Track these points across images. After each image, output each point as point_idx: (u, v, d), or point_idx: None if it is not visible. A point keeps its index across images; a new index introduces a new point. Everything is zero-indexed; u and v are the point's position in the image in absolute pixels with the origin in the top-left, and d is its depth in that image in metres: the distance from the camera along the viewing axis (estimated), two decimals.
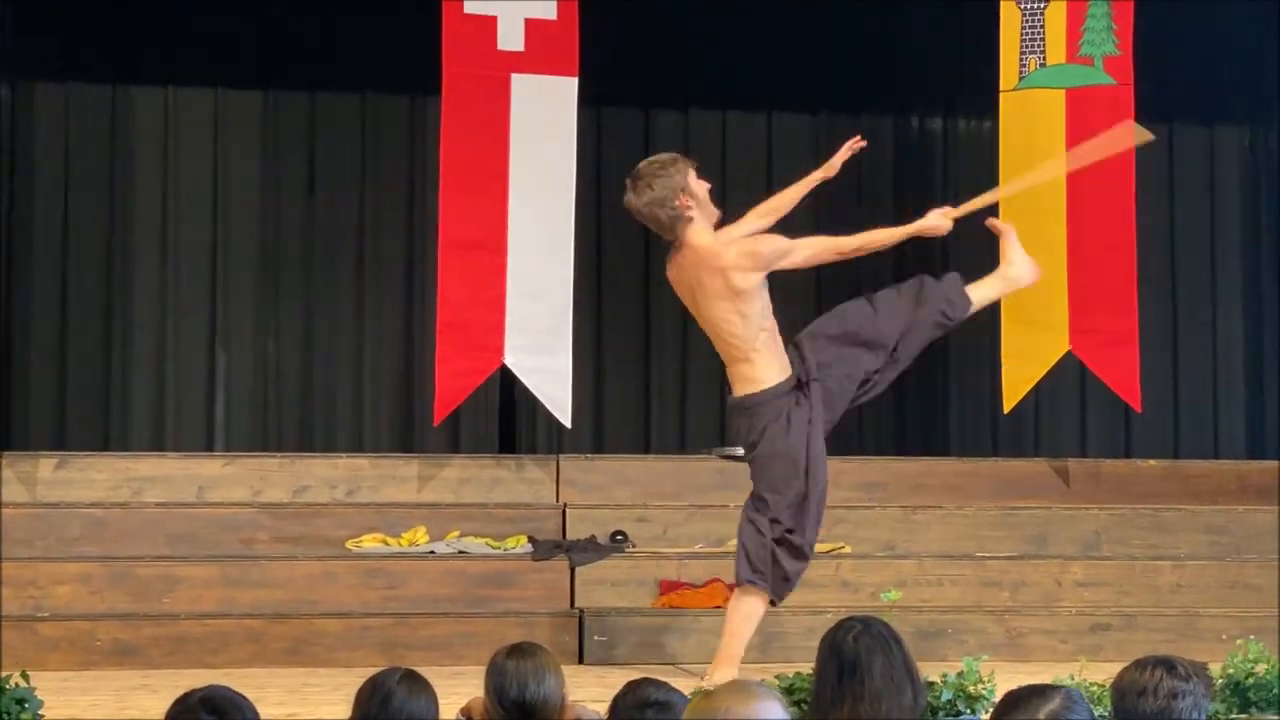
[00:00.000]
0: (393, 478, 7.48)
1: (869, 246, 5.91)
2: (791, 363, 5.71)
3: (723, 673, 5.38)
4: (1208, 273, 9.21)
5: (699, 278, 5.72)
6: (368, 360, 8.60)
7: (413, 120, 8.64)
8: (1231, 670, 4.91)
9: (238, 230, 8.53)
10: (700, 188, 5.74)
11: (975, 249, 8.85)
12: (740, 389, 5.72)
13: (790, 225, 6.07)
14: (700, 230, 5.72)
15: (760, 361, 5.68)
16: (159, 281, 8.44)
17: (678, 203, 5.68)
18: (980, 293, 5.97)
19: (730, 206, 8.86)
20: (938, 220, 5.90)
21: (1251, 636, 5.05)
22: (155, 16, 8.38)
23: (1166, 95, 8.92)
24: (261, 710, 3.36)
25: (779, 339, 5.74)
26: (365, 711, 3.52)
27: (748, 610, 5.69)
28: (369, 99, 8.67)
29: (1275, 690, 4.82)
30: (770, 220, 6.05)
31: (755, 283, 5.66)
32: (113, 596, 6.56)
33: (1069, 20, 7.71)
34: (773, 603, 5.73)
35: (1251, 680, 4.87)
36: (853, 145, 6.12)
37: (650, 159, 5.87)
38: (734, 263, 5.65)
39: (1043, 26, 7.72)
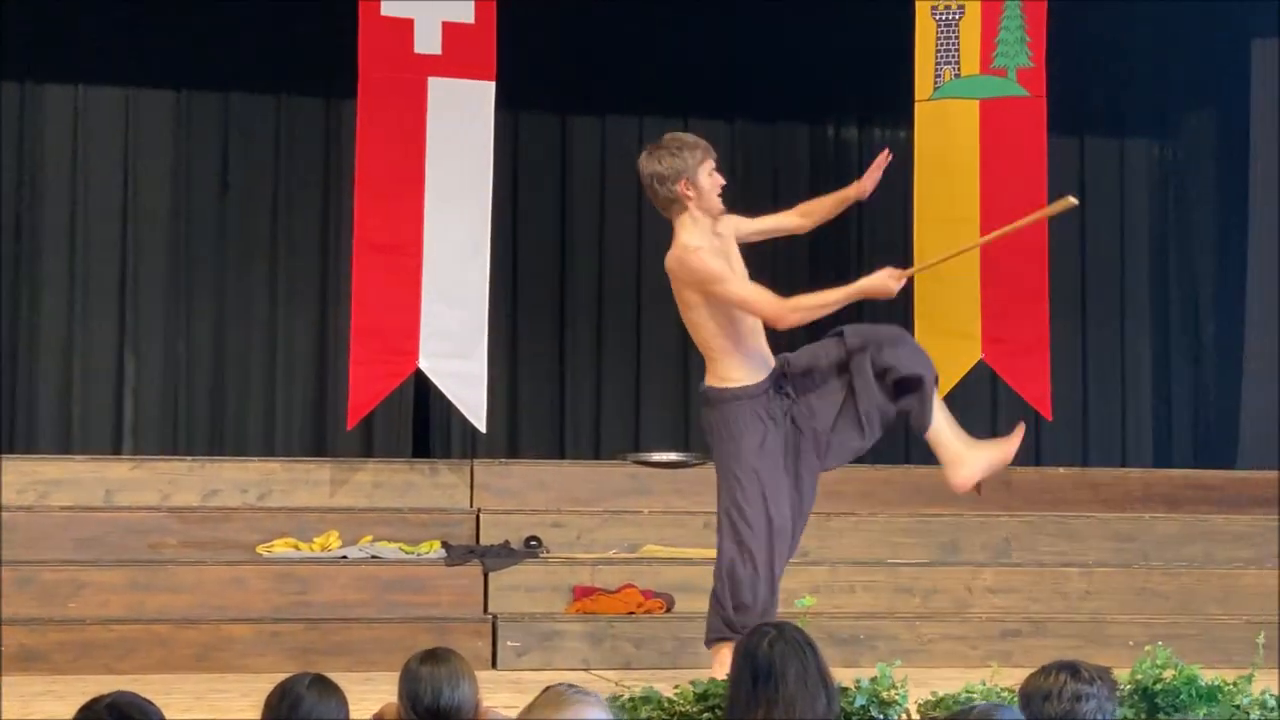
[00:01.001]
0: (305, 482, 7.42)
1: (812, 314, 5.71)
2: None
3: None
4: (1117, 283, 9.33)
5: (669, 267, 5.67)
6: (280, 363, 8.53)
7: (328, 122, 8.59)
8: (1140, 676, 4.96)
9: (148, 231, 8.44)
10: (709, 182, 5.59)
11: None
12: (705, 380, 5.67)
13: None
14: (685, 223, 5.60)
15: (722, 360, 5.59)
16: (67, 282, 8.33)
17: (677, 187, 5.56)
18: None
19: (645, 209, 8.95)
20: (886, 281, 5.66)
21: (1159, 642, 5.10)
22: (66, 13, 8.27)
23: (1078, 107, 9.04)
24: (168, 716, 3.32)
25: (750, 345, 5.62)
26: (274, 716, 3.50)
27: None
28: (284, 100, 8.60)
29: (1183, 696, 4.87)
30: (797, 220, 6.04)
31: (688, 296, 5.57)
32: (18, 601, 6.45)
33: (983, 32, 7.79)
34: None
35: (1160, 686, 4.92)
36: (882, 162, 6.03)
37: (676, 134, 5.75)
38: (671, 266, 5.59)
39: (957, 38, 7.80)
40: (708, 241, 5.62)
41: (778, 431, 5.57)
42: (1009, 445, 5.74)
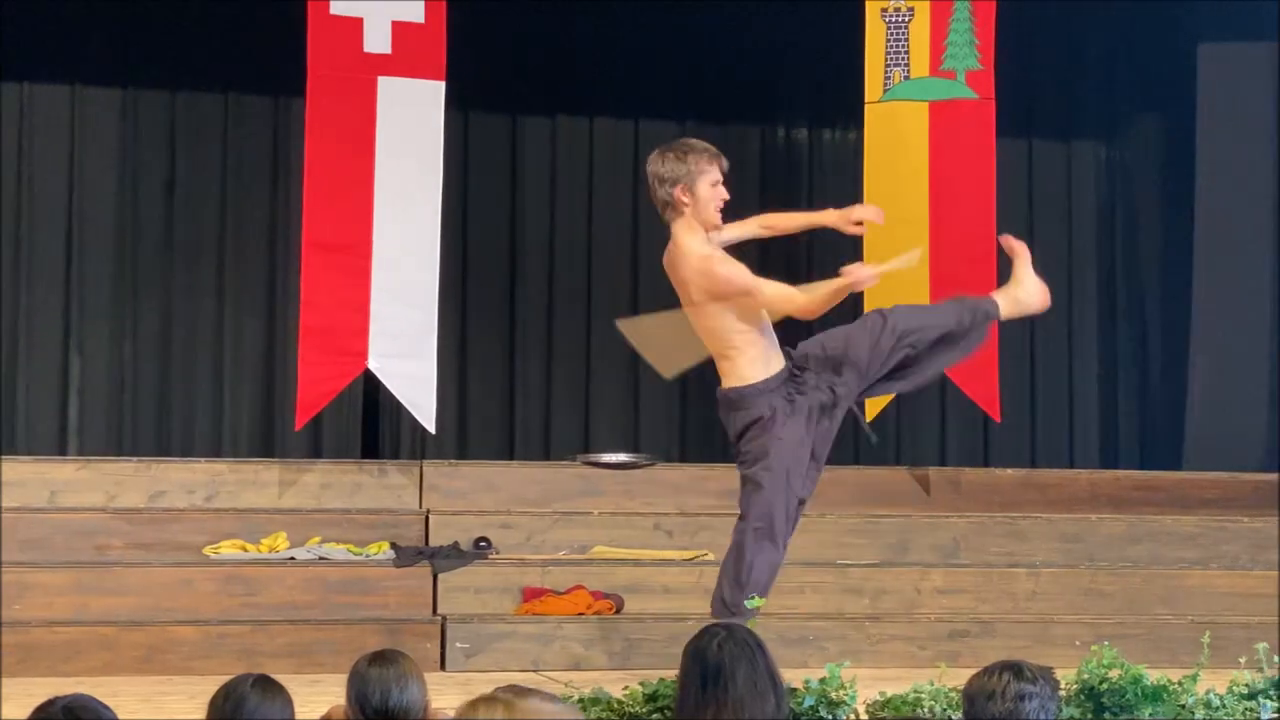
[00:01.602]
0: (253, 483, 7.37)
1: (831, 302, 5.73)
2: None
3: None
4: (1065, 285, 9.37)
5: (674, 273, 5.68)
6: (228, 363, 8.48)
7: (276, 121, 8.55)
8: (1086, 676, 4.99)
9: (94, 230, 8.37)
10: (708, 192, 5.62)
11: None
12: (724, 382, 5.70)
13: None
14: (683, 228, 5.62)
15: (740, 359, 5.62)
16: (12, 281, 8.26)
17: (675, 191, 5.60)
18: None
19: (595, 210, 8.96)
20: (864, 273, 5.78)
21: (1105, 642, 5.13)
22: (9, 10, 8.19)
23: (1026, 110, 9.10)
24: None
25: (766, 338, 5.66)
26: (219, 716, 3.48)
27: None
28: (231, 98, 8.55)
29: (1128, 695, 4.90)
30: (756, 231, 6.03)
31: (705, 303, 5.59)
32: None
33: (932, 34, 7.82)
34: None
35: (1105, 686, 4.95)
36: (877, 219, 6.09)
37: (689, 140, 5.78)
38: (691, 277, 5.60)
39: (907, 40, 7.83)
40: (713, 248, 5.63)
41: (797, 416, 5.60)
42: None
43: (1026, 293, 5.97)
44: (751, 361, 5.65)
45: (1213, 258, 8.77)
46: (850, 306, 6.32)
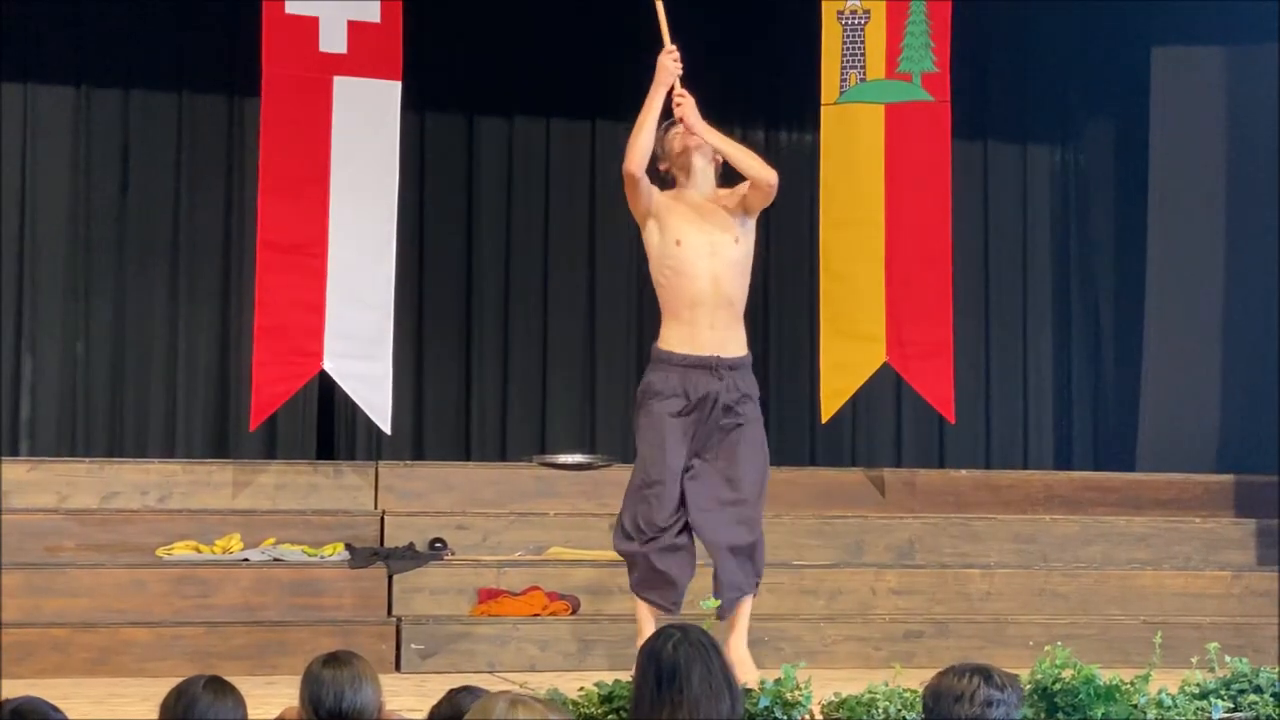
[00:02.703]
0: (206, 484, 7.34)
1: (640, 135, 5.76)
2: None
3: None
4: (1019, 287, 9.43)
5: None
6: (181, 363, 8.43)
7: (230, 120, 8.50)
8: (1040, 676, 5.02)
9: (46, 228, 8.31)
10: (672, 144, 5.77)
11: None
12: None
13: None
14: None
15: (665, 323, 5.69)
16: None
17: (663, 166, 5.81)
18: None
19: (552, 211, 8.94)
20: (665, 63, 5.91)
21: (1059, 642, 5.16)
22: None
23: (982, 113, 9.14)
24: None
25: (680, 310, 5.66)
26: (171, 717, 3.46)
27: None
28: (185, 97, 8.50)
29: (1081, 695, 4.93)
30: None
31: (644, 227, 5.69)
32: None
33: (888, 37, 7.85)
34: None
35: (1059, 685, 4.98)
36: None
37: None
38: None
39: (863, 42, 7.85)
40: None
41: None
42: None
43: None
44: (667, 329, 5.72)
45: (1166, 260, 8.82)
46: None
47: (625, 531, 5.69)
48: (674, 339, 5.67)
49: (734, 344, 5.69)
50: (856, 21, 7.86)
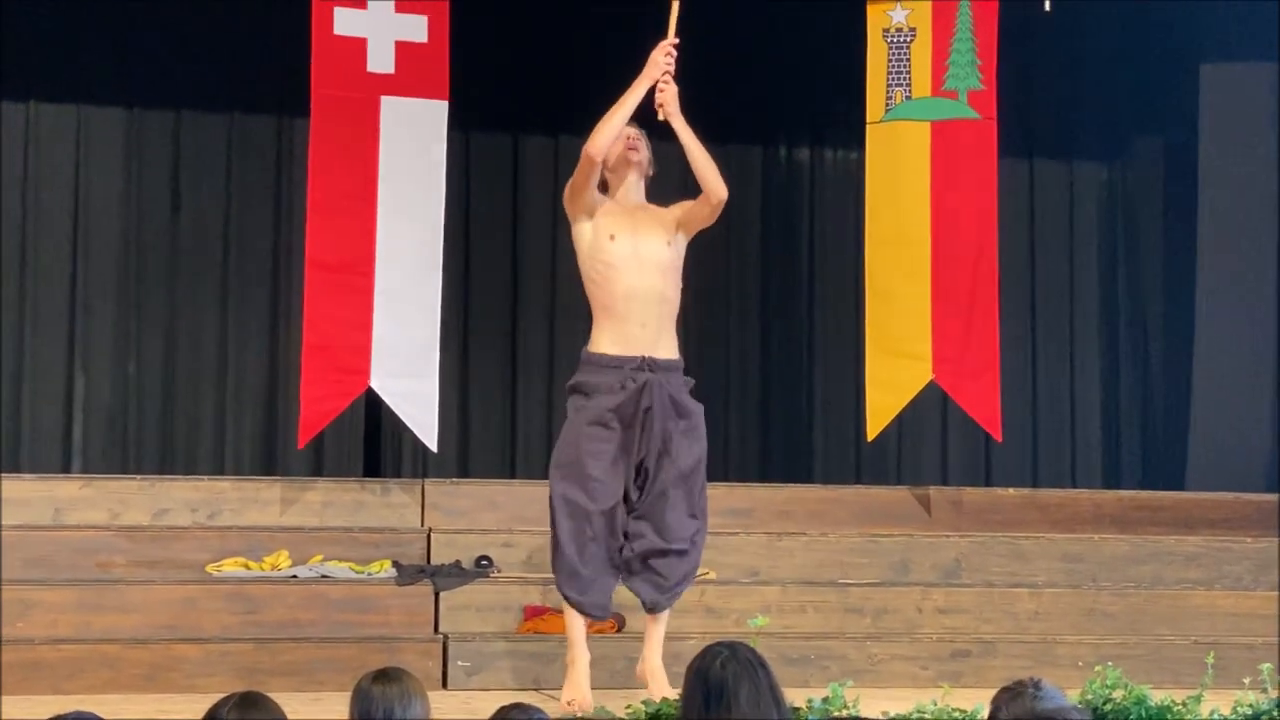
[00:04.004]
0: (255, 501, 7.38)
1: (609, 124, 5.74)
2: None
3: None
4: (1066, 305, 9.40)
5: None
6: (231, 382, 8.49)
7: (279, 141, 8.57)
8: (1090, 697, 4.99)
9: (99, 249, 8.39)
10: (613, 151, 5.80)
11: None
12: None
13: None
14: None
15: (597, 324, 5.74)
16: (17, 300, 8.28)
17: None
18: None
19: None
20: (656, 58, 5.87)
21: (1108, 663, 5.14)
22: (16, 30, 8.22)
23: (1029, 130, 9.12)
24: None
25: (614, 305, 5.70)
26: None
27: None
28: (236, 118, 8.57)
29: (1132, 716, 4.91)
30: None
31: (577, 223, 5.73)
32: None
33: (934, 55, 7.84)
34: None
35: (1109, 706, 4.96)
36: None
37: None
38: None
39: (909, 60, 7.84)
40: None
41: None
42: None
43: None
44: (599, 331, 5.78)
45: (1215, 278, 8.78)
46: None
47: (566, 550, 5.62)
48: (605, 340, 5.67)
49: (665, 345, 5.68)
50: (902, 39, 7.85)
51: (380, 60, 7.29)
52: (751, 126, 9.21)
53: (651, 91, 5.85)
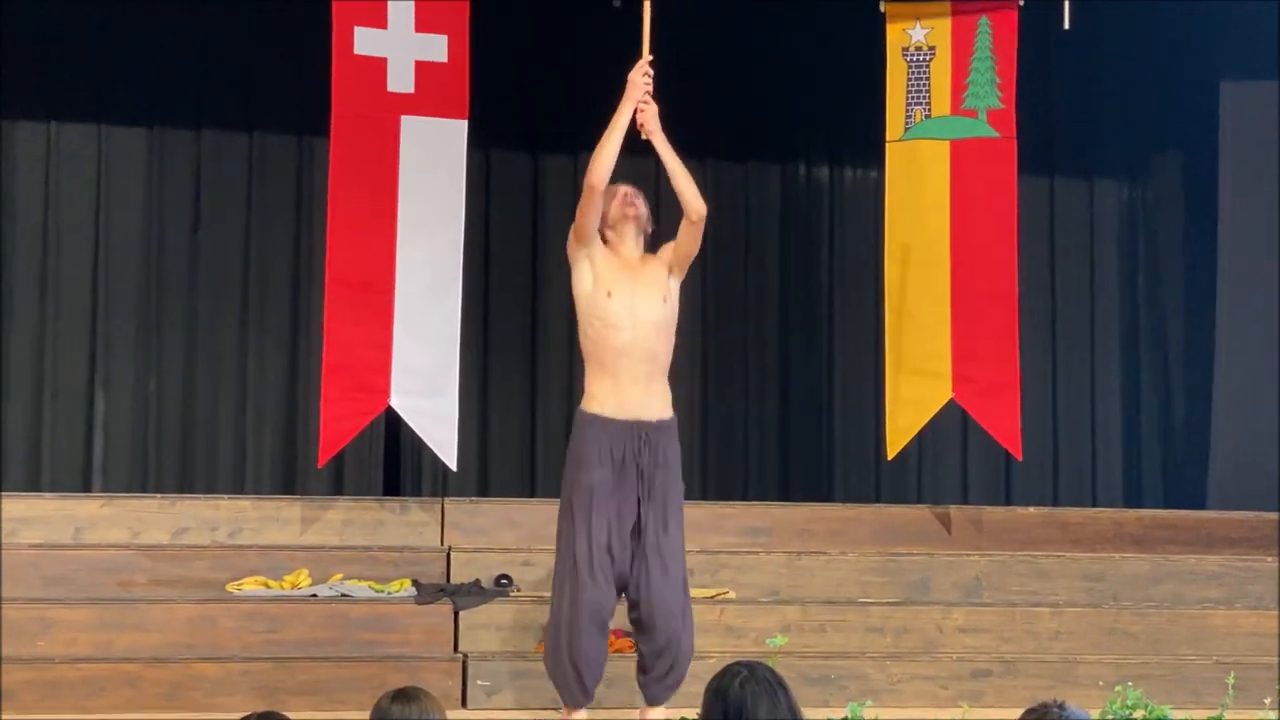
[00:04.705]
0: (275, 520, 7.39)
1: (604, 153, 5.77)
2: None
3: None
4: (1087, 324, 9.38)
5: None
6: (251, 401, 8.51)
7: (300, 160, 8.59)
8: (1111, 716, 4.98)
9: (119, 268, 8.42)
10: (612, 207, 5.86)
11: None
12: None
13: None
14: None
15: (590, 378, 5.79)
16: (38, 319, 8.30)
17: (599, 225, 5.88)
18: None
19: None
20: (635, 79, 5.88)
21: (1129, 683, 5.12)
22: (37, 50, 8.27)
23: (1048, 148, 9.11)
24: None
25: (605, 360, 5.74)
26: None
27: None
28: (256, 138, 8.60)
29: None
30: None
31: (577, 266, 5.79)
32: None
33: (954, 73, 7.84)
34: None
35: None
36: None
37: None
38: None
39: (928, 78, 7.85)
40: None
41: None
42: None
43: None
44: (589, 382, 5.83)
45: (1236, 296, 8.76)
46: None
47: (556, 634, 5.71)
48: (598, 397, 5.74)
49: (658, 404, 5.76)
50: (921, 58, 7.86)
51: (400, 80, 7.31)
52: (771, 145, 9.21)
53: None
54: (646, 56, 5.90)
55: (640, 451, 5.65)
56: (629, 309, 5.72)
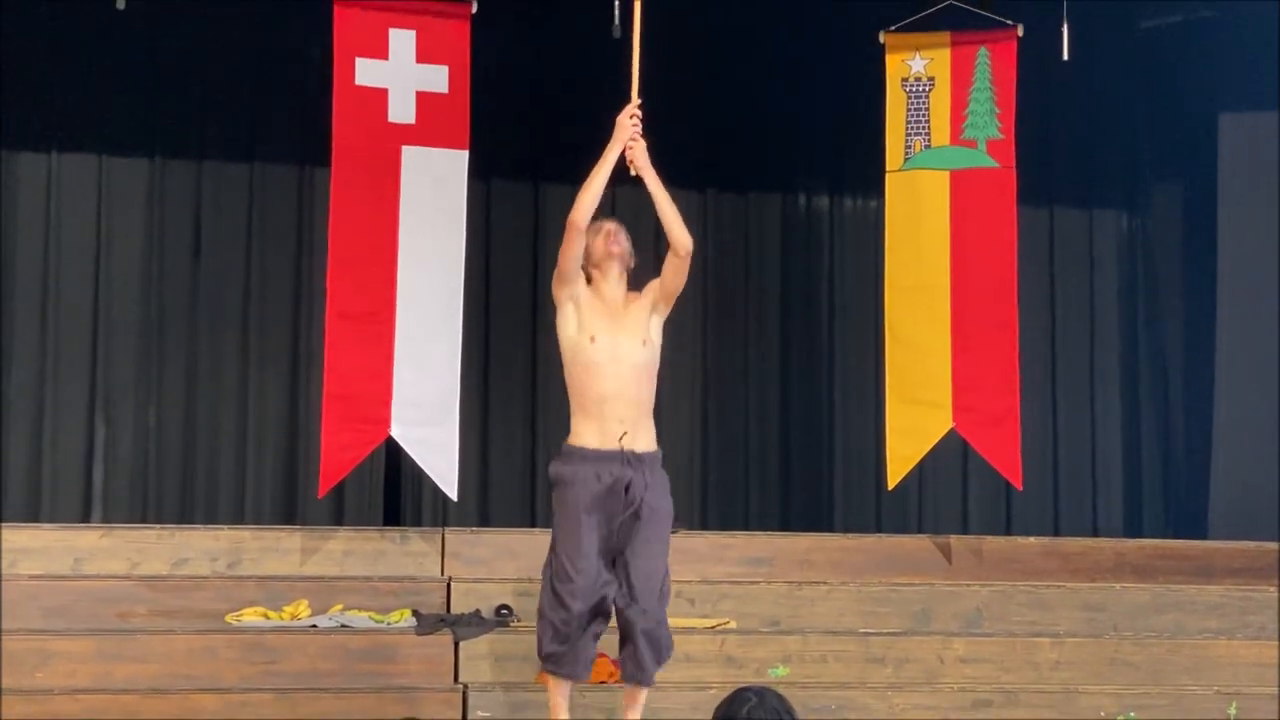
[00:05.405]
0: (275, 550, 7.38)
1: (587, 196, 5.79)
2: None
3: None
4: (1087, 353, 9.38)
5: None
6: (251, 430, 8.51)
7: (300, 190, 8.61)
8: None
9: (120, 298, 8.43)
10: (596, 245, 5.86)
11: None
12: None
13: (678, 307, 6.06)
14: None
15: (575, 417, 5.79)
16: (39, 348, 8.31)
17: (583, 264, 5.88)
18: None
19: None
20: (623, 123, 5.88)
21: (1131, 713, 5.10)
22: (38, 80, 8.29)
23: (1048, 179, 9.13)
24: None
25: (589, 405, 5.75)
26: None
27: None
28: (257, 168, 8.62)
29: None
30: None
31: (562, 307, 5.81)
32: None
33: (953, 104, 7.87)
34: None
35: None
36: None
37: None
38: None
39: (928, 109, 7.87)
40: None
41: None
42: None
43: None
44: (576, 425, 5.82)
45: (1236, 325, 8.76)
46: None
47: (550, 625, 5.73)
48: (583, 433, 5.77)
49: (643, 439, 5.78)
50: (921, 88, 7.88)
51: (401, 110, 7.34)
52: (771, 175, 9.23)
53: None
54: (635, 100, 5.92)
55: (625, 474, 5.67)
56: (611, 354, 5.76)
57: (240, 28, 8.45)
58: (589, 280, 5.88)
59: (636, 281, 5.97)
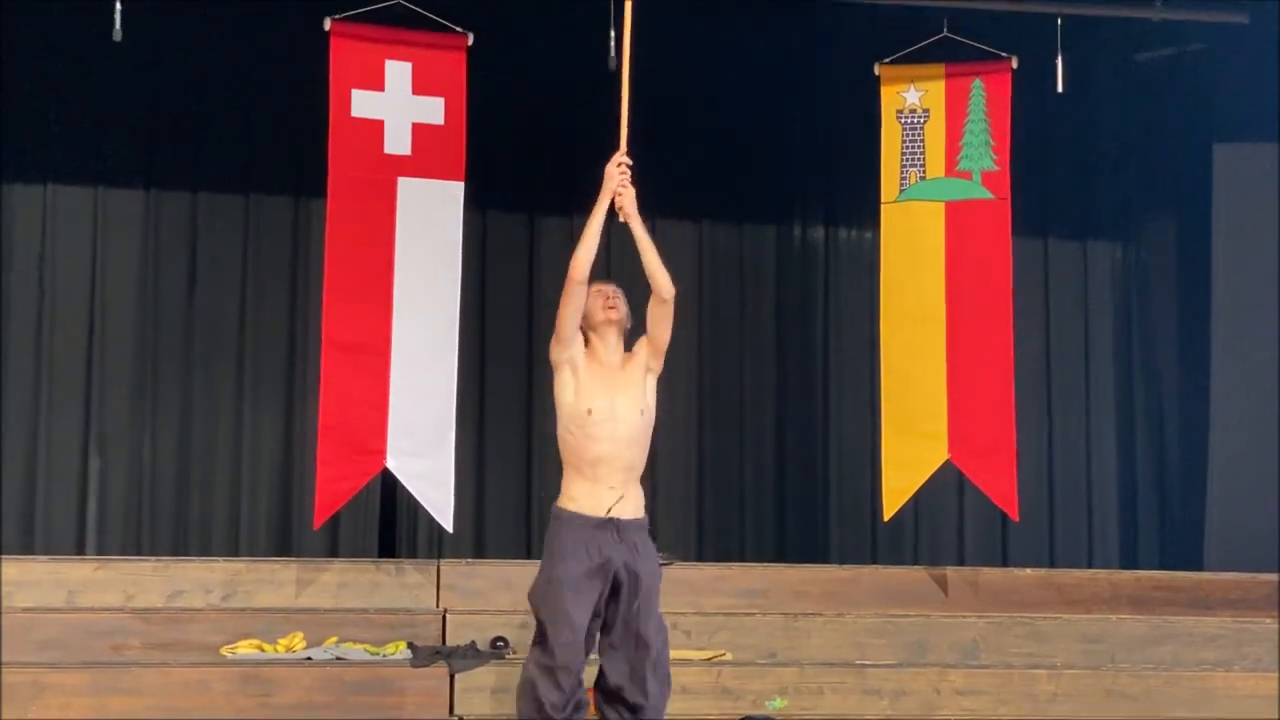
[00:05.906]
0: (270, 582, 7.36)
1: (583, 250, 5.77)
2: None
3: None
4: (1082, 384, 9.39)
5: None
6: (246, 463, 8.49)
7: (296, 221, 8.61)
8: None
9: (115, 330, 8.43)
10: (594, 310, 5.84)
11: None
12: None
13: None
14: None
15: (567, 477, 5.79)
16: (33, 381, 8.31)
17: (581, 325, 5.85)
18: None
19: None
20: (611, 172, 5.88)
21: None
22: (34, 112, 8.30)
23: (1042, 210, 9.15)
24: None
25: (583, 467, 5.74)
26: None
27: None
28: (252, 199, 8.63)
29: None
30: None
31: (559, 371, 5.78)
32: None
33: (948, 135, 7.89)
34: None
35: None
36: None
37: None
38: None
39: (923, 141, 7.89)
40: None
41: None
42: None
43: None
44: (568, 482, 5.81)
45: (1230, 356, 8.77)
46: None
47: (538, 703, 5.69)
48: (575, 495, 5.75)
49: (632, 506, 5.78)
50: (916, 120, 7.91)
51: (397, 142, 7.35)
52: (766, 206, 9.25)
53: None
54: (622, 149, 5.92)
55: (616, 547, 5.67)
56: (609, 424, 5.75)
57: (235, 60, 8.46)
58: (586, 342, 5.86)
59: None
